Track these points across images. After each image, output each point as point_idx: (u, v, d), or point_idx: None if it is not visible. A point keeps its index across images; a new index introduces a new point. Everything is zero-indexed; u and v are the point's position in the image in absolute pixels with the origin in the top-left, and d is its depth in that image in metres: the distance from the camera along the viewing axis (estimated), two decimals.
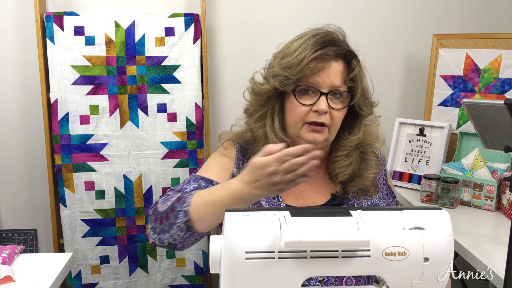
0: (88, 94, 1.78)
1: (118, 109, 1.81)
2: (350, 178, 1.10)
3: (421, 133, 1.89)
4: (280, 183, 0.85)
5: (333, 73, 1.02)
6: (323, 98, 1.01)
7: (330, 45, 1.02)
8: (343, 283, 1.03)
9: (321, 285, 1.03)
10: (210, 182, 1.06)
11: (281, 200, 1.08)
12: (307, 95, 1.03)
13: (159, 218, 0.96)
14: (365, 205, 1.10)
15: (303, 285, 1.00)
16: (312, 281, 1.03)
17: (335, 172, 1.09)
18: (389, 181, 1.21)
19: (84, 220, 1.84)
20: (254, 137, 1.10)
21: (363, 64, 1.08)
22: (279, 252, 0.67)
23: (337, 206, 1.09)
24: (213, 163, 1.13)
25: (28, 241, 2.03)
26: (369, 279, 1.06)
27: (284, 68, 1.02)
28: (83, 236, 1.85)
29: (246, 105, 1.15)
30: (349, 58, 1.05)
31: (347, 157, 1.09)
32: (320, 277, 1.03)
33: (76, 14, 1.76)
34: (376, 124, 1.13)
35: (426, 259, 0.70)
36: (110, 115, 1.81)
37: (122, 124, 1.82)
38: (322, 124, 1.02)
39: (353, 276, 1.05)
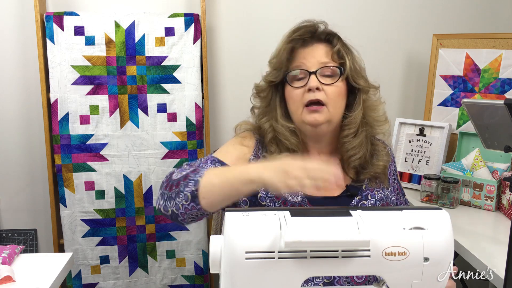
0: (88, 94, 1.78)
1: (118, 109, 1.81)
2: (362, 165, 1.12)
3: (421, 133, 1.89)
4: (296, 179, 0.84)
5: (318, 53, 1.08)
6: (312, 76, 1.05)
7: (308, 31, 1.09)
8: (347, 282, 1.04)
9: (325, 285, 1.03)
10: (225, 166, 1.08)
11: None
12: (300, 80, 1.08)
13: (170, 185, 0.98)
14: (378, 197, 1.11)
15: (308, 284, 1.01)
16: (318, 279, 1.03)
17: (347, 156, 1.11)
18: (399, 179, 1.24)
19: (84, 220, 1.84)
20: (262, 131, 1.14)
21: (349, 44, 1.12)
22: (279, 252, 0.67)
23: (351, 196, 1.10)
24: (231, 149, 1.14)
25: (28, 241, 2.03)
26: (376, 278, 1.06)
27: (271, 62, 1.12)
28: (83, 236, 1.85)
29: (253, 105, 1.21)
30: (331, 40, 1.10)
31: (355, 136, 1.10)
32: (328, 278, 1.03)
33: (76, 14, 1.76)
34: (380, 100, 1.15)
35: (426, 259, 0.70)
36: (110, 115, 1.81)
37: (122, 124, 1.82)
38: (318, 102, 1.05)
39: (356, 276, 1.05)
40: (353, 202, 1.10)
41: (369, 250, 0.69)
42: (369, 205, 1.11)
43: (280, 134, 1.10)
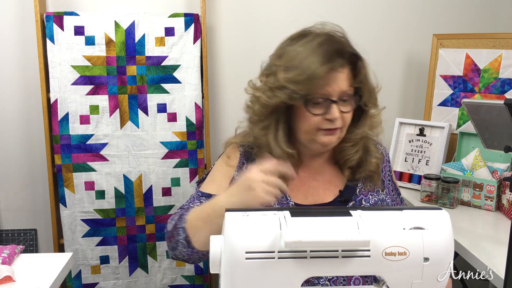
0: (88, 94, 1.78)
1: (118, 109, 1.81)
2: (357, 165, 1.11)
3: (421, 133, 1.89)
4: (262, 191, 0.88)
5: (341, 80, 1.01)
6: (334, 106, 1.00)
7: (338, 56, 1.00)
8: (351, 283, 1.04)
9: (330, 285, 1.03)
10: (210, 197, 1.07)
11: (289, 198, 1.08)
12: (318, 105, 1.01)
13: (168, 236, 1.03)
14: (372, 201, 1.11)
15: (312, 284, 1.02)
16: (321, 280, 1.03)
17: (344, 159, 1.11)
18: (394, 179, 1.22)
19: (84, 220, 1.84)
20: (257, 144, 1.09)
21: (366, 61, 1.06)
22: (279, 252, 0.67)
23: (345, 202, 1.09)
24: (216, 173, 1.14)
25: (28, 241, 2.03)
26: (376, 280, 1.07)
27: (292, 82, 0.98)
28: (83, 236, 1.85)
29: (248, 110, 1.12)
30: (354, 60, 1.04)
31: (353, 146, 1.10)
32: (330, 277, 1.03)
33: (76, 14, 1.76)
34: (379, 114, 1.13)
35: (426, 259, 0.70)
36: (110, 115, 1.81)
37: (122, 124, 1.82)
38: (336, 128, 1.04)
39: (360, 276, 1.06)
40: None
41: (369, 250, 0.69)
42: None
43: (276, 155, 1.04)
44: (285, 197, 1.08)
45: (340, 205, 1.09)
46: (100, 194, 1.84)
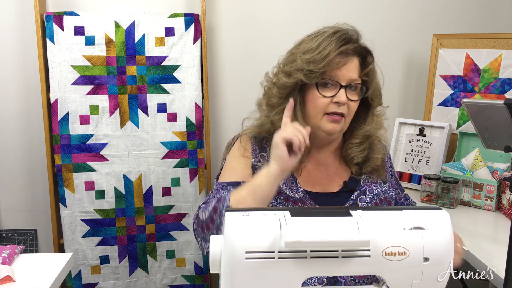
0: (88, 94, 1.78)
1: (118, 109, 1.81)
2: (363, 161, 1.19)
3: (421, 133, 1.89)
4: (287, 129, 0.99)
5: (351, 68, 1.09)
6: (342, 90, 1.08)
7: (351, 42, 1.10)
8: (350, 282, 1.06)
9: (327, 285, 1.04)
10: (237, 184, 1.11)
11: (299, 185, 1.14)
12: (327, 88, 1.09)
13: (205, 225, 1.02)
14: (376, 192, 1.17)
15: (313, 283, 1.02)
16: (324, 278, 1.05)
17: (351, 157, 1.18)
18: (396, 176, 1.28)
19: (84, 220, 1.84)
20: (274, 128, 1.13)
21: (374, 58, 1.16)
22: (279, 252, 0.67)
23: (350, 191, 1.16)
24: (234, 165, 1.18)
25: (28, 241, 2.03)
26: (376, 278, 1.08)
27: (308, 63, 1.07)
28: (83, 236, 1.85)
29: (262, 99, 1.19)
30: (363, 54, 1.13)
31: (360, 144, 1.17)
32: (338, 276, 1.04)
33: (76, 14, 1.76)
34: (383, 114, 1.21)
35: (426, 259, 0.70)
36: (110, 115, 1.81)
37: (122, 124, 1.82)
38: (341, 114, 1.09)
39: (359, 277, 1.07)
40: (352, 197, 1.15)
41: (369, 250, 0.69)
42: (368, 200, 1.15)
43: None
44: (295, 183, 1.14)
45: (346, 195, 1.16)
46: (100, 194, 1.84)
